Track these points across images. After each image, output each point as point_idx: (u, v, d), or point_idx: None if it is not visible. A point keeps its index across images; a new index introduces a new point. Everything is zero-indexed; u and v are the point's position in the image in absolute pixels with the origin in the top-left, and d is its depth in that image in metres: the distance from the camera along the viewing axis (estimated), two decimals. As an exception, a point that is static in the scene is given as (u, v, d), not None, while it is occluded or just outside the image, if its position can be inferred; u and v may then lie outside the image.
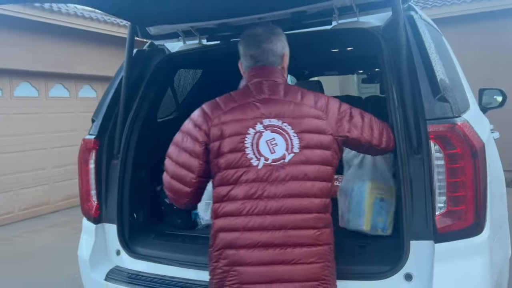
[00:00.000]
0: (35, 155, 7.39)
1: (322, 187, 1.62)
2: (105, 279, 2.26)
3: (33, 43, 7.08)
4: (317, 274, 1.57)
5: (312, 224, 1.59)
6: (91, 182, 2.41)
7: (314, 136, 1.64)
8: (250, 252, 1.57)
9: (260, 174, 1.60)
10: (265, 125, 1.65)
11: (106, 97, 2.50)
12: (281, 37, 1.84)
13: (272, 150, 1.62)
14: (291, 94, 1.72)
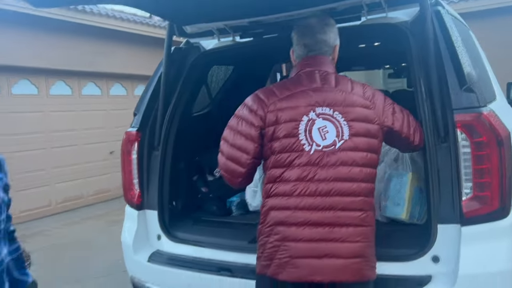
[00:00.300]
0: (69, 151, 7.69)
1: (369, 173, 1.73)
2: (148, 261, 2.43)
3: (67, 44, 7.36)
4: (361, 252, 1.68)
5: (359, 207, 1.69)
6: (134, 171, 2.58)
7: (363, 125, 1.73)
8: (301, 229, 1.68)
9: (312, 158, 1.71)
10: (318, 113, 1.74)
11: (146, 92, 2.67)
12: (334, 28, 1.92)
13: (324, 137, 1.71)
14: (342, 84, 1.80)
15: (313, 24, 1.89)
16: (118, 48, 8.23)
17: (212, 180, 2.83)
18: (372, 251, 1.74)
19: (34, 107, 7.15)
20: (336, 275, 1.65)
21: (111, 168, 8.34)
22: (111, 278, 4.52)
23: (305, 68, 1.86)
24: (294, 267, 1.67)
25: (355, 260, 1.66)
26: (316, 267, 1.66)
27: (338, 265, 1.65)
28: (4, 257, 1.46)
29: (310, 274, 1.66)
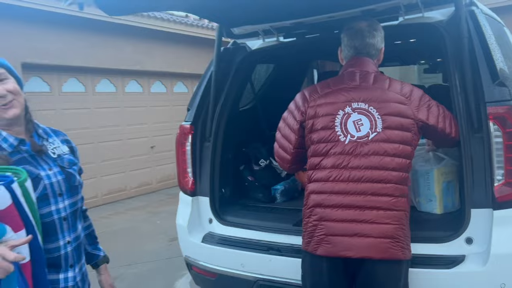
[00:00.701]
0: (113, 145, 8.11)
1: (400, 162, 1.88)
2: (202, 241, 2.68)
3: (111, 44, 7.76)
4: (390, 233, 1.85)
5: (389, 192, 1.86)
6: (188, 161, 2.83)
7: (396, 119, 1.90)
8: (335, 211, 1.90)
9: (346, 148, 1.91)
10: (354, 107, 1.95)
11: (199, 89, 2.91)
12: (381, 33, 2.11)
13: (358, 129, 1.92)
14: (379, 82, 1.99)
15: (363, 28, 2.08)
16: (158, 47, 8.58)
17: (257, 169, 3.06)
18: (404, 233, 1.88)
19: (82, 104, 7.60)
20: (365, 252, 1.84)
21: (152, 162, 8.74)
22: (157, 263, 4.85)
23: (348, 68, 2.08)
24: (328, 244, 1.89)
25: (384, 240, 1.84)
26: (347, 244, 1.86)
27: (367, 243, 1.84)
28: (80, 232, 1.71)
29: (342, 250, 1.87)
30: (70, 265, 1.60)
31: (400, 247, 1.85)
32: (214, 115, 2.83)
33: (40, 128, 1.67)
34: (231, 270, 2.48)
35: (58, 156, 1.63)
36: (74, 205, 1.65)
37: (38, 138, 1.63)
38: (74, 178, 1.65)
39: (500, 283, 1.92)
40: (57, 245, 1.55)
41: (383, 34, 2.11)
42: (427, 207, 2.39)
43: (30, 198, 1.36)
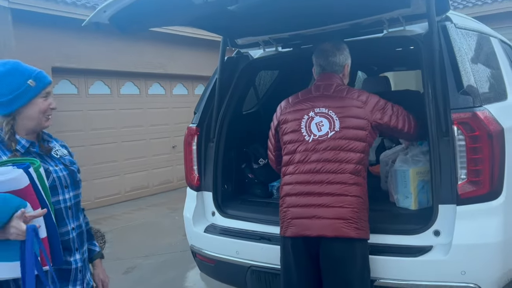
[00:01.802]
0: (137, 145, 8.54)
1: (354, 156, 2.24)
2: (204, 232, 2.99)
3: (135, 48, 8.17)
4: (344, 215, 2.16)
5: (343, 181, 2.20)
6: (193, 159, 3.15)
7: (352, 120, 2.28)
8: (298, 198, 2.27)
9: (309, 146, 2.31)
10: (316, 112, 2.35)
11: (204, 94, 3.22)
12: (344, 51, 2.49)
13: (319, 129, 2.31)
14: (339, 91, 2.39)
15: (327, 48, 2.47)
16: (180, 51, 8.95)
17: (257, 167, 3.34)
18: (358, 216, 2.18)
19: (107, 105, 8.05)
20: (321, 231, 2.18)
21: (173, 161, 9.13)
22: (172, 255, 5.19)
23: (316, 82, 2.47)
24: (293, 226, 2.27)
25: (337, 221, 2.17)
26: (307, 225, 2.22)
27: (323, 224, 2.18)
28: (82, 221, 1.94)
29: (302, 230, 2.23)
30: (76, 248, 1.86)
31: (353, 227, 2.16)
32: (218, 118, 3.13)
33: (45, 134, 1.92)
34: (227, 256, 2.79)
35: (60, 156, 1.89)
36: (77, 197, 1.91)
37: (43, 141, 1.87)
38: (75, 174, 1.91)
39: (461, 270, 2.15)
40: (66, 229, 1.82)
41: (347, 52, 2.47)
42: (404, 203, 2.62)
43: (44, 183, 1.65)
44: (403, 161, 2.63)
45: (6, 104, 1.72)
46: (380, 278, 2.31)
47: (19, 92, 1.73)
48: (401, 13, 2.55)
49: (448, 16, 2.53)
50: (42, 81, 1.79)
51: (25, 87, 1.74)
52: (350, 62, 2.52)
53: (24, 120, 1.77)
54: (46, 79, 1.81)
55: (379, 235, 2.42)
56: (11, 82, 1.73)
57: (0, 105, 1.73)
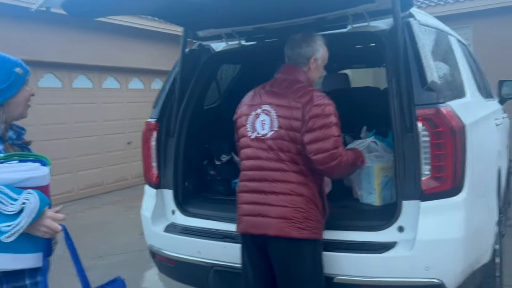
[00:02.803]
0: (90, 141, 8.21)
1: (294, 157, 2.18)
2: (164, 231, 2.87)
3: (89, 40, 7.84)
4: (287, 215, 2.13)
5: (287, 180, 2.16)
6: (152, 156, 3.01)
7: (287, 121, 2.19)
8: (247, 195, 2.27)
9: (254, 143, 2.28)
10: (263, 109, 2.29)
11: (164, 88, 3.09)
12: (313, 43, 2.34)
13: (263, 127, 2.26)
14: (286, 88, 2.27)
15: (296, 39, 2.37)
16: (136, 44, 8.68)
17: (219, 164, 3.25)
18: (303, 216, 2.14)
19: (59, 99, 7.68)
20: (263, 230, 2.17)
21: (128, 157, 8.85)
22: (129, 255, 5.01)
23: (276, 75, 2.38)
24: (241, 223, 2.29)
25: (280, 220, 2.14)
26: (252, 222, 2.22)
27: (266, 222, 2.16)
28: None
29: (248, 228, 2.24)
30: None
31: (296, 227, 2.12)
32: (179, 112, 3.02)
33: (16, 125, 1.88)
34: (188, 257, 2.68)
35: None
36: None
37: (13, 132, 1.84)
38: None
39: (425, 266, 2.16)
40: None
41: (318, 44, 2.35)
42: (368, 199, 2.62)
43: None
44: (367, 158, 2.62)
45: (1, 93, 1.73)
46: (344, 275, 2.30)
47: (11, 81, 1.75)
48: (365, 8, 2.54)
49: (412, 13, 2.54)
50: (25, 68, 1.83)
51: (15, 75, 1.76)
52: (322, 56, 2.37)
53: (11, 109, 1.78)
54: (27, 66, 1.84)
55: (343, 231, 2.41)
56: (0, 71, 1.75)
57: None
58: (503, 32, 8.79)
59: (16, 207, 1.56)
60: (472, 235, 2.28)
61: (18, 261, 1.65)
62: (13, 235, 1.55)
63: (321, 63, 2.38)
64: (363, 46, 3.34)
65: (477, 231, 2.38)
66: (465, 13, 9.00)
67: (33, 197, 1.58)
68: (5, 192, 1.56)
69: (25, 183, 1.62)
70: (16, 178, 1.61)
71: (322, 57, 2.37)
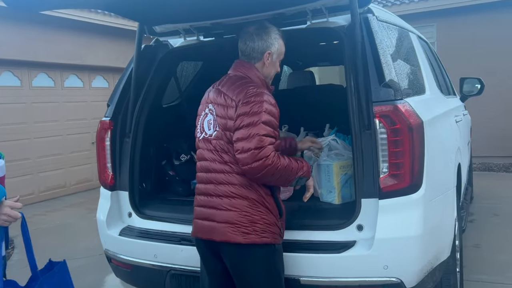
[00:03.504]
0: (52, 141, 7.93)
1: (233, 157, 2.03)
2: (119, 235, 2.75)
3: (49, 37, 7.57)
4: (232, 219, 2.02)
5: (231, 182, 2.05)
6: (107, 156, 2.89)
7: (223, 120, 2.08)
8: (198, 197, 2.19)
9: (201, 144, 2.19)
10: (209, 108, 2.20)
11: (119, 85, 2.97)
12: (266, 36, 2.17)
13: (209, 127, 2.17)
14: (227, 86, 2.14)
15: (249, 31, 2.21)
16: (100, 41, 8.44)
17: (178, 164, 3.15)
18: (248, 220, 2.01)
19: (18, 99, 7.38)
20: (209, 235, 2.08)
21: (93, 158, 8.49)
22: (90, 259, 4.84)
23: (229, 71, 2.27)
24: (193, 226, 2.20)
25: (224, 225, 2.04)
26: (200, 226, 2.14)
27: (211, 227, 2.08)
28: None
29: (197, 232, 2.16)
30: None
31: (240, 232, 2.01)
32: (134, 111, 2.90)
33: None
34: (144, 261, 2.58)
35: None
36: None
37: None
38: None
39: (383, 265, 2.13)
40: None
41: (273, 37, 2.20)
42: (328, 198, 2.58)
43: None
44: (327, 155, 2.59)
45: None
46: (305, 277, 2.24)
47: None
48: (324, 4, 2.49)
49: (370, 9, 2.51)
50: None
51: None
52: (277, 50, 2.21)
53: None
54: None
55: (303, 231, 2.36)
56: None
57: None
58: (466, 31, 8.99)
59: None
60: (430, 233, 2.27)
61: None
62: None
63: (276, 58, 2.22)
64: (325, 44, 3.30)
65: (436, 228, 2.37)
66: (429, 12, 9.14)
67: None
68: None
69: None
70: None
71: (277, 51, 2.21)
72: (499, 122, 8.88)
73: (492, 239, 4.63)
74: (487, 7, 8.79)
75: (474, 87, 5.11)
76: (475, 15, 8.93)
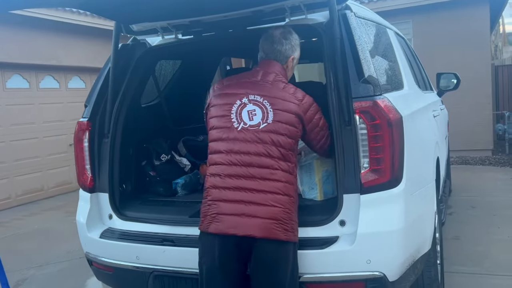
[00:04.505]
0: (28, 144, 7.75)
1: (285, 153, 2.10)
2: (100, 237, 2.70)
3: (23, 37, 7.39)
4: (275, 215, 2.03)
5: (276, 178, 2.06)
6: (86, 157, 2.83)
7: (286, 114, 2.13)
8: (227, 191, 2.07)
9: (238, 135, 2.12)
10: (250, 99, 2.17)
11: (96, 85, 2.91)
12: (292, 42, 2.32)
13: (251, 118, 2.13)
14: (277, 82, 2.22)
15: (275, 34, 2.31)
16: (75, 41, 8.28)
17: (159, 164, 3.11)
18: (289, 217, 2.07)
19: (-9, 101, 7.19)
20: (249, 231, 2.02)
21: (71, 160, 8.34)
22: (70, 263, 4.75)
23: (256, 67, 2.31)
24: (218, 222, 2.06)
25: (268, 221, 2.02)
26: (234, 222, 2.04)
27: (252, 223, 2.02)
28: None
29: (228, 227, 2.04)
30: None
31: (282, 228, 2.03)
32: (113, 111, 2.85)
33: None
34: (126, 263, 2.54)
35: None
36: None
37: None
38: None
39: (366, 259, 2.15)
40: None
41: (296, 43, 2.33)
42: (310, 194, 2.59)
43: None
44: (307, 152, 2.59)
45: None
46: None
47: None
48: (302, 1, 2.49)
49: (348, 5, 2.52)
50: None
51: None
52: (298, 56, 2.38)
53: None
54: None
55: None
56: None
57: None
58: (441, 27, 9.14)
59: None
60: (411, 226, 2.29)
61: None
62: None
63: (295, 63, 2.38)
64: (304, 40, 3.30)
65: (417, 222, 2.40)
66: (405, 8, 9.26)
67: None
68: None
69: None
70: None
71: (298, 57, 2.38)
72: (473, 115, 9.08)
73: (470, 231, 4.73)
74: (458, 3, 8.96)
75: (450, 82, 5.20)
76: (447, 12, 9.09)
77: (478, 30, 9.05)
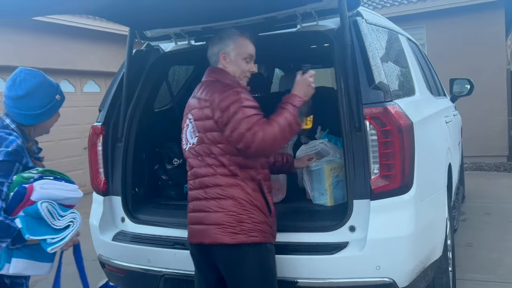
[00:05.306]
0: (44, 147, 7.76)
1: (219, 159, 2.09)
2: (112, 240, 2.74)
3: (40, 42, 7.53)
4: (218, 220, 2.05)
5: (217, 183, 2.09)
6: (99, 161, 2.88)
7: (201, 122, 2.14)
8: (190, 203, 2.22)
9: (187, 153, 2.23)
10: (189, 118, 2.23)
11: (110, 90, 2.96)
12: (218, 41, 2.26)
13: (191, 136, 2.20)
14: (201, 91, 2.20)
15: (212, 38, 2.33)
16: (91, 46, 8.42)
17: (171, 168, 3.14)
18: (237, 219, 2.03)
19: (8, 105, 7.31)
20: (200, 238, 2.11)
21: (85, 163, 8.47)
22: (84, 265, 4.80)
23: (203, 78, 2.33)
24: (188, 232, 2.21)
25: (211, 227, 2.06)
26: (192, 231, 2.17)
27: (201, 230, 2.10)
28: None
29: (190, 237, 2.19)
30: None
31: (230, 232, 2.03)
32: (126, 116, 2.90)
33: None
34: (137, 266, 2.58)
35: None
36: None
37: (36, 147, 2.07)
38: None
39: (376, 265, 2.15)
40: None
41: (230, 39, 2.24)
42: (320, 200, 2.60)
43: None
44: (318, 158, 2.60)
45: (39, 116, 1.98)
46: (301, 278, 2.25)
47: (50, 106, 2.01)
48: (314, 8, 2.51)
49: (359, 12, 2.54)
50: (63, 95, 2.10)
51: (54, 101, 2.03)
52: (234, 49, 2.21)
53: (40, 129, 2.06)
54: (63, 93, 2.10)
55: (297, 233, 2.37)
56: (44, 95, 1.98)
57: (34, 116, 1.97)
58: (455, 32, 9.08)
59: (62, 223, 1.82)
60: (422, 232, 2.29)
61: (37, 268, 1.89)
62: (57, 248, 1.80)
63: (236, 56, 2.22)
64: (316, 46, 3.32)
65: (427, 228, 2.39)
66: (418, 14, 9.23)
67: (79, 217, 1.89)
68: (56, 208, 1.81)
69: (64, 202, 1.87)
70: (61, 196, 1.86)
71: (234, 50, 2.22)
72: (487, 121, 8.97)
73: (484, 238, 4.67)
74: (472, 8, 8.89)
75: (464, 87, 5.17)
76: (461, 17, 9.02)
77: (493, 35, 8.96)
